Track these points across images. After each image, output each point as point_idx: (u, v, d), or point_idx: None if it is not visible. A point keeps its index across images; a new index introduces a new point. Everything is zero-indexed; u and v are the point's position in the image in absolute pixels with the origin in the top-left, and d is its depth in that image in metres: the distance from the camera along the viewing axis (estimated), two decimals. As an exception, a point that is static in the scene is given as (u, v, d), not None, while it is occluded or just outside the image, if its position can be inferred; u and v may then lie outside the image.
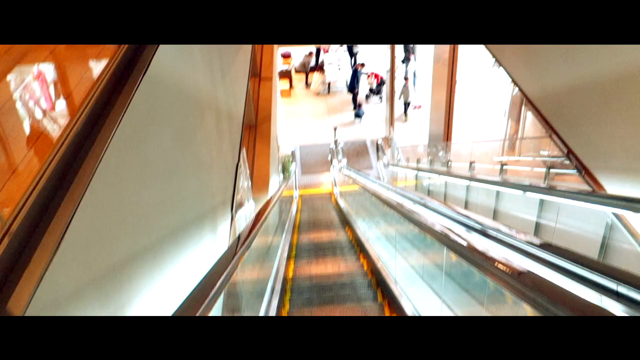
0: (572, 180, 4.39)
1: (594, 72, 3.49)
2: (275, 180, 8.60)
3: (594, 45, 3.46)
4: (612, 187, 3.57)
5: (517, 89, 5.00)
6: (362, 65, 15.78)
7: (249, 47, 6.40)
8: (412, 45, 16.02)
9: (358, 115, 15.49)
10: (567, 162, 4.17)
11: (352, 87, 15.53)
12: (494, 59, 6.06)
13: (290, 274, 5.81)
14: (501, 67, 5.29)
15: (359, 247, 7.13)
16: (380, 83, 15.79)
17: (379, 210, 5.68)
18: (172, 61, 2.40)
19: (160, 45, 2.20)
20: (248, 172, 5.41)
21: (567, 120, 4.03)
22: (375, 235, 6.35)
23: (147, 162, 1.96)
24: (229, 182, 3.78)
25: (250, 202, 5.46)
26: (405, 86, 14.48)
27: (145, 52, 2.07)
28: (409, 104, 14.73)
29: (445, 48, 9.13)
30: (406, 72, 15.41)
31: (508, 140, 8.18)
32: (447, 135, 9.48)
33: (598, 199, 3.00)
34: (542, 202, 4.24)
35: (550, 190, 3.55)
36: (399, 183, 11.90)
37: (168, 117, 2.28)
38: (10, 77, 1.85)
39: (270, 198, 4.97)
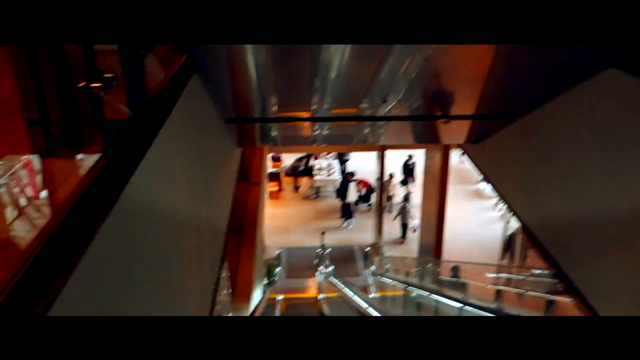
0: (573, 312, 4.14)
1: (604, 208, 3.36)
2: (258, 289, 8.24)
3: (602, 181, 3.36)
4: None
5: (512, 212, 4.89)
6: (352, 174, 15.93)
7: (238, 153, 6.35)
8: (413, 167, 16.02)
9: (348, 216, 15.26)
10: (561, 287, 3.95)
11: (342, 195, 15.53)
12: (482, 175, 6.02)
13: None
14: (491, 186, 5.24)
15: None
16: (369, 190, 15.82)
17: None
18: (147, 186, 2.23)
19: (138, 171, 2.04)
20: (229, 286, 5.12)
21: (570, 255, 3.85)
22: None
23: (110, 304, 1.72)
24: (205, 303, 3.51)
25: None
26: (404, 208, 13.91)
27: (118, 180, 1.89)
28: (406, 225, 14.11)
29: (437, 159, 9.16)
30: (406, 195, 14.85)
31: (503, 265, 8.00)
32: (438, 248, 9.26)
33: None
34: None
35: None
36: (387, 293, 11.53)
37: (139, 250, 2.06)
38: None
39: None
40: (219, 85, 3.89)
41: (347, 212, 15.30)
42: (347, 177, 15.73)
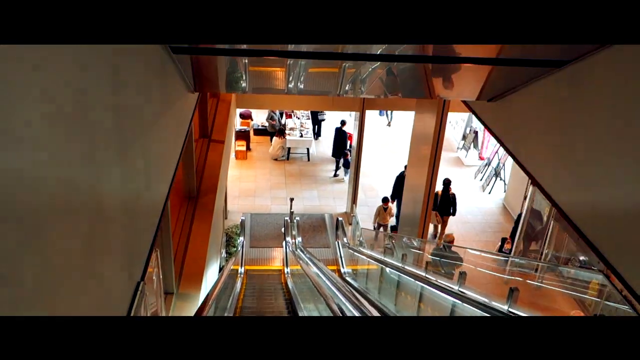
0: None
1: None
2: (214, 267, 7.05)
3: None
4: None
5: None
6: (344, 123, 14.74)
7: (193, 99, 5.04)
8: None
9: (347, 166, 14.32)
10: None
11: (339, 152, 14.47)
12: (498, 142, 4.88)
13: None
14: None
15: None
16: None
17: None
18: None
19: None
20: (160, 287, 3.87)
21: (624, 246, 2.77)
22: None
23: None
24: (121, 296, 2.33)
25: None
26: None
27: None
28: None
29: (429, 122, 7.85)
30: (396, 217, 12.35)
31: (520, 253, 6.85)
32: (424, 226, 8.14)
33: None
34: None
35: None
36: (359, 267, 10.53)
37: None
38: None
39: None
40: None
41: (346, 162, 14.51)
42: (341, 128, 14.60)
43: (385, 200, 11.94)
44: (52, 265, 1.53)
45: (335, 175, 15.01)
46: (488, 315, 4.16)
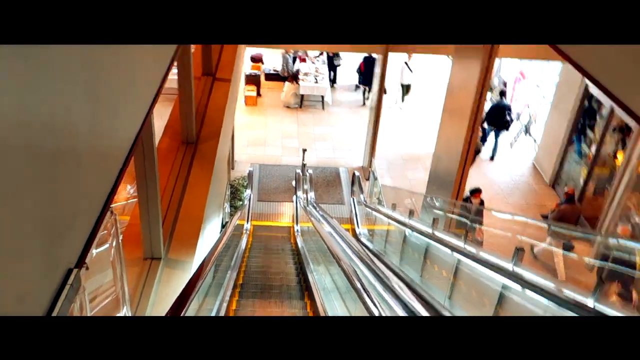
0: None
1: None
2: (214, 224, 6.11)
3: None
4: None
5: None
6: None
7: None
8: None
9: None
10: None
11: (369, 80, 13.39)
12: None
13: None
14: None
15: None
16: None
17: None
18: None
19: None
20: (120, 259, 2.88)
21: None
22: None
23: None
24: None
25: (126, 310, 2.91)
26: None
27: None
28: None
29: (472, 70, 6.65)
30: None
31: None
32: (460, 182, 7.04)
33: None
34: None
35: None
36: (377, 227, 9.61)
37: None
38: None
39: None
40: None
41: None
42: (370, 55, 13.81)
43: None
44: None
45: (364, 104, 14.85)
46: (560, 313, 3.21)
